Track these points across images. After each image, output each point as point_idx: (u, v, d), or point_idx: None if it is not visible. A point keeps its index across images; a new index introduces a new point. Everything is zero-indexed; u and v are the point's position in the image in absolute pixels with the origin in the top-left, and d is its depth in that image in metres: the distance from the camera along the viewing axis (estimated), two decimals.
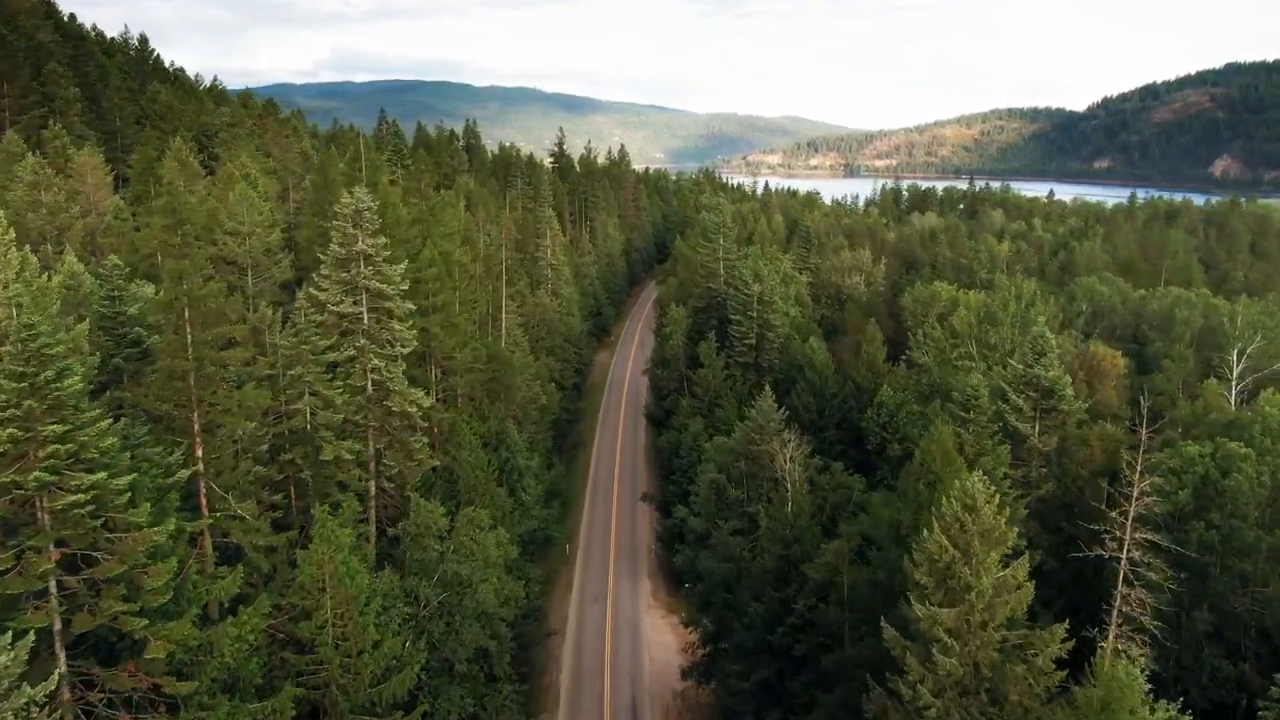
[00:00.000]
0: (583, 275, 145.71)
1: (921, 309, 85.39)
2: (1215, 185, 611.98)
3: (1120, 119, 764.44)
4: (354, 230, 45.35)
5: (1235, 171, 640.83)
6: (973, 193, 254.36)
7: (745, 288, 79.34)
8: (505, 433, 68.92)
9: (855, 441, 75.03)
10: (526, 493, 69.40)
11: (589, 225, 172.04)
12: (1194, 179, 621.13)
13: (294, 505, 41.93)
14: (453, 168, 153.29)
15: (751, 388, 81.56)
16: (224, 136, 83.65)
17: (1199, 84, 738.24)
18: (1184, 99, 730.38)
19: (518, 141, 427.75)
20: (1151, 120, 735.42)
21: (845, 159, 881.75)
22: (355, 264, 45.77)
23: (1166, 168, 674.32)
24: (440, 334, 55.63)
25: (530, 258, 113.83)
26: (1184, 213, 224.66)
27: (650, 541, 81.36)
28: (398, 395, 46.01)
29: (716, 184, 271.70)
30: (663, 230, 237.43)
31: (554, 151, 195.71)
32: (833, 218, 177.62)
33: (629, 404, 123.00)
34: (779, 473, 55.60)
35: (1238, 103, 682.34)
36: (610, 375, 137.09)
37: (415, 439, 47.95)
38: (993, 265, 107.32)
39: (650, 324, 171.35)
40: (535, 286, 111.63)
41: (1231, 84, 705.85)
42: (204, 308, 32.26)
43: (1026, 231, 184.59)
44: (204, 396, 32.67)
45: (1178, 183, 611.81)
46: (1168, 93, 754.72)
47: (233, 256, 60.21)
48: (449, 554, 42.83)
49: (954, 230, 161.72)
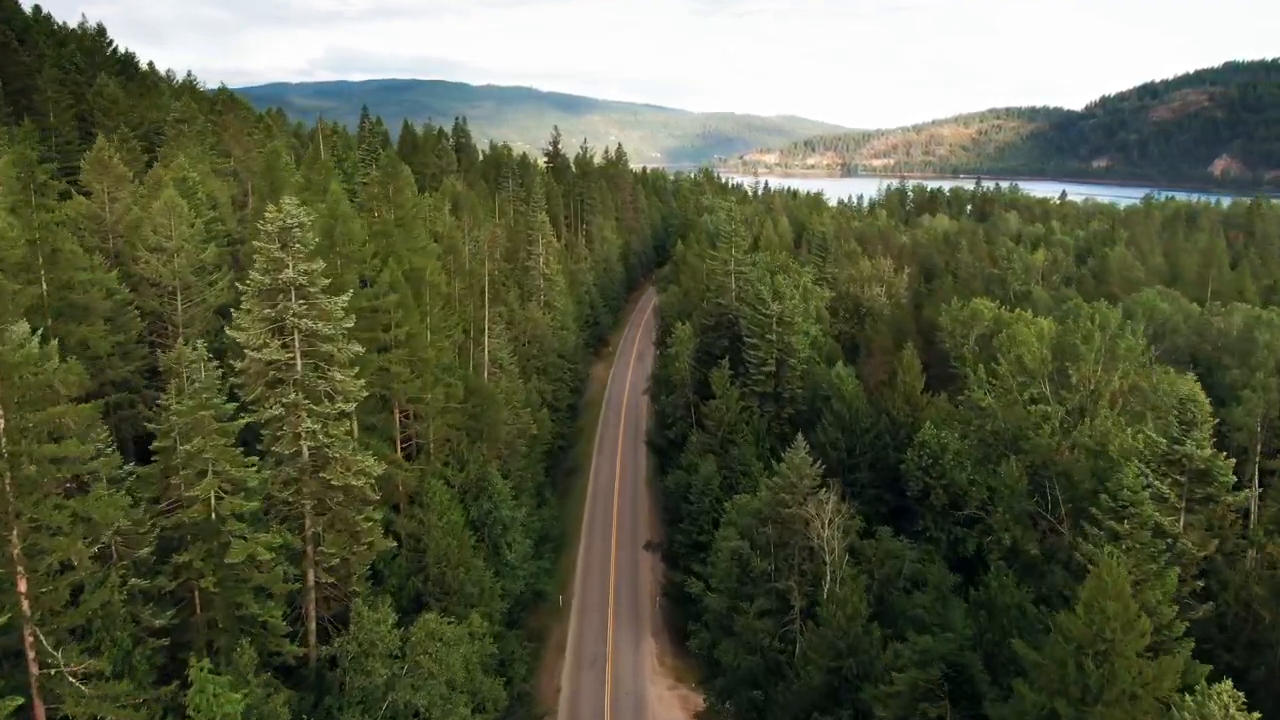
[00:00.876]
0: (578, 282, 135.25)
1: (961, 329, 75.05)
2: (1215, 185, 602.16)
3: (1119, 118, 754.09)
4: (281, 253, 34.81)
5: (1235, 171, 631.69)
6: (981, 193, 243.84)
7: (763, 307, 68.88)
8: (488, 479, 58.43)
9: (890, 483, 64.67)
10: (512, 549, 58.99)
11: (585, 228, 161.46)
12: (1193, 178, 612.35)
13: (199, 622, 31.48)
14: (440, 168, 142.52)
15: (770, 421, 71.17)
16: (170, 134, 72.96)
17: (1197, 83, 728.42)
18: (1183, 98, 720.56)
19: (514, 141, 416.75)
20: (1150, 119, 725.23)
21: (842, 159, 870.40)
22: (283, 297, 35.25)
23: (1166, 167, 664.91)
24: (404, 373, 45.20)
25: (521, 267, 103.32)
26: (1202, 214, 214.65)
27: (654, 593, 70.90)
28: (338, 464, 35.49)
29: (717, 184, 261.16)
30: (662, 232, 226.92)
31: (548, 151, 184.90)
32: (840, 220, 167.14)
33: (628, 425, 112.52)
34: (815, 541, 45.41)
35: (1236, 102, 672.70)
36: (608, 391, 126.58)
37: (364, 517, 37.46)
38: (1027, 276, 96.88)
39: (650, 333, 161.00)
40: (527, 299, 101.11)
41: (1230, 83, 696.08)
42: (22, 380, 21.71)
43: (1046, 235, 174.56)
44: (24, 510, 22.15)
45: (1177, 182, 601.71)
46: (1166, 92, 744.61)
47: (156, 277, 49.64)
48: (401, 678, 32.40)
49: (972, 234, 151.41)
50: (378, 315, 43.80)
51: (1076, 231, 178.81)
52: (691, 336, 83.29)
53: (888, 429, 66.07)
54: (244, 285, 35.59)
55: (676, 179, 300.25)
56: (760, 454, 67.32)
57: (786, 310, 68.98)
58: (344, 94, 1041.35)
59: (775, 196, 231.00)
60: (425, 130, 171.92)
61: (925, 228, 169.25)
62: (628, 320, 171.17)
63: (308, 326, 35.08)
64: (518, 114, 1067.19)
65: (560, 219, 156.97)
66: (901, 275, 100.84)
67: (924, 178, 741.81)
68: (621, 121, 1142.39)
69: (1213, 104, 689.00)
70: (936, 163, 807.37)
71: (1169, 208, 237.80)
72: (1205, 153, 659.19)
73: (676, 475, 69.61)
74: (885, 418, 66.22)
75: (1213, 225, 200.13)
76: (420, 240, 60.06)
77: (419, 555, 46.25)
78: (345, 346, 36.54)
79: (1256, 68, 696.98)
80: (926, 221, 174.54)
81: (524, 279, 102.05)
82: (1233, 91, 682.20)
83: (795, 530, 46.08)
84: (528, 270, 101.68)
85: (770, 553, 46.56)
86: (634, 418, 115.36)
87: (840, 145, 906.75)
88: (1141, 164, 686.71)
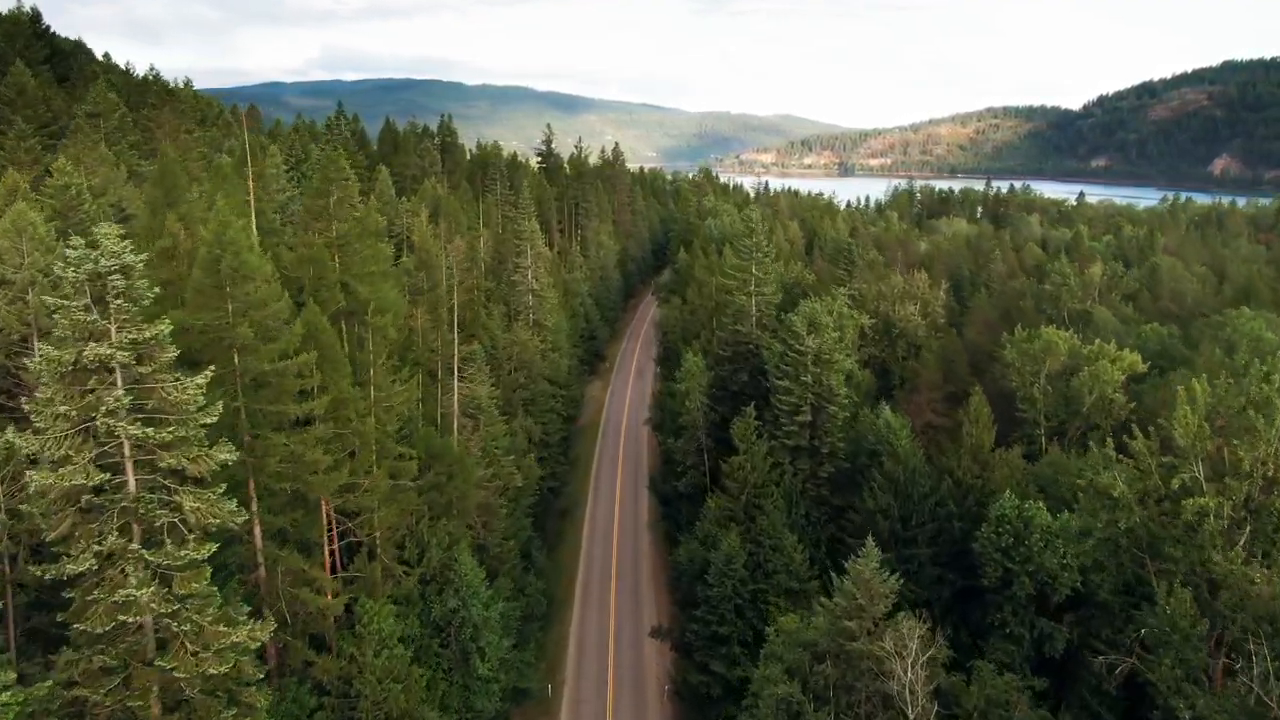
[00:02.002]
0: (572, 293, 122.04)
1: (1030, 366, 61.97)
2: (1215, 184, 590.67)
3: (1117, 117, 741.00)
4: (90, 316, 21.61)
5: (1235, 170, 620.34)
6: (994, 195, 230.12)
7: (796, 342, 55.63)
8: (454, 567, 45.25)
9: (955, 560, 51.72)
10: (485, 658, 45.81)
11: (580, 234, 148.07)
12: (1193, 178, 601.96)
13: None
14: (423, 169, 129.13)
15: (805, 482, 57.93)
16: (81, 129, 59.55)
17: (1196, 82, 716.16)
18: (1181, 97, 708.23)
19: (509, 141, 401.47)
20: (1149, 119, 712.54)
21: (840, 158, 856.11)
22: (97, 381, 22.05)
23: (1165, 166, 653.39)
24: (323, 460, 32.03)
25: (508, 282, 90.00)
26: (1229, 216, 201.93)
27: (663, 686, 57.93)
28: (184, 643, 22.29)
29: (717, 185, 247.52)
30: (661, 236, 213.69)
31: (541, 151, 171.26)
32: (852, 224, 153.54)
33: (628, 457, 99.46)
34: (895, 685, 32.54)
35: (1236, 101, 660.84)
36: (605, 414, 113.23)
37: (244, 701, 24.27)
38: (1084, 293, 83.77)
39: (650, 346, 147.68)
40: (514, 318, 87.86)
41: (1229, 82, 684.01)
42: None
43: (1074, 241, 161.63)
44: None
45: (1177, 181, 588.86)
46: (1165, 91, 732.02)
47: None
48: None
49: (999, 241, 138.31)
50: (284, 380, 30.57)
51: (1105, 237, 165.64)
52: (703, 370, 70.11)
53: (951, 494, 53.01)
54: (34, 361, 22.38)
55: (674, 179, 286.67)
56: (792, 522, 54.24)
57: (825, 345, 55.78)
58: (337, 94, 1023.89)
59: (780, 197, 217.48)
60: (408, 128, 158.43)
61: (945, 234, 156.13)
62: (626, 330, 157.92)
63: (139, 435, 21.85)
64: (514, 113, 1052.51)
65: (553, 224, 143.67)
66: (937, 291, 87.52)
67: (922, 177, 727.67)
68: (618, 121, 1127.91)
69: (1212, 103, 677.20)
70: (934, 162, 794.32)
71: (1192, 209, 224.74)
72: (1205, 152, 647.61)
73: (690, 547, 56.35)
74: (948, 480, 53.16)
75: (1236, 227, 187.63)
76: (371, 263, 46.73)
77: (348, 708, 33.22)
78: (205, 454, 23.29)
79: (1255, 66, 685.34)
80: (944, 226, 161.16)
81: (511, 295, 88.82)
82: (1232, 90, 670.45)
83: (864, 670, 33.30)
84: (515, 286, 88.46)
85: (830, 699, 33.67)
86: (634, 449, 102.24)
87: (837, 145, 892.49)
88: (1140, 163, 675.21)
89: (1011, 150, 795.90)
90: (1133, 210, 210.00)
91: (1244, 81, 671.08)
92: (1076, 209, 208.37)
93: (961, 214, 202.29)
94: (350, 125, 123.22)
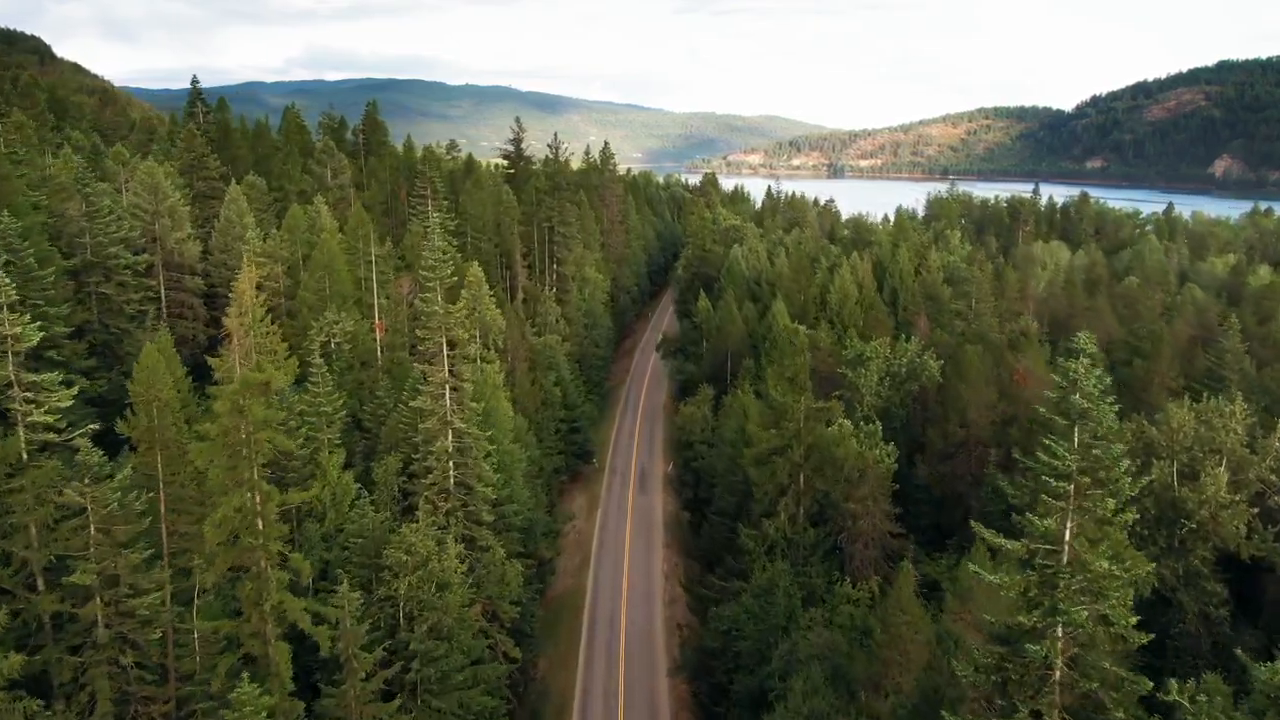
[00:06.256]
0: (543, 365, 78.45)
1: None
2: (1217, 186, 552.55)
3: (1112, 117, 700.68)
4: None
5: (1237, 171, 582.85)
6: (1045, 206, 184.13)
7: None
8: None
9: None
10: None
11: (555, 268, 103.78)
12: (1193, 179, 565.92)
13: None
14: (320, 181, 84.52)
15: None
16: None
17: (1191, 82, 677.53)
18: (1177, 97, 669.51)
19: (493, 140, 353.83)
20: (1144, 119, 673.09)
21: (828, 158, 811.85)
22: None
23: (1164, 167, 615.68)
24: None
25: (411, 411, 46.18)
26: None
27: None
28: None
29: (723, 192, 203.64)
30: (658, 255, 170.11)
31: (508, 153, 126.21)
32: (920, 254, 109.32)
33: (639, 658, 56.21)
34: None
35: (1235, 101, 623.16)
36: (592, 578, 68.99)
37: None
38: None
39: (654, 419, 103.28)
40: (429, 467, 44.29)
41: (1226, 82, 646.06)
42: None
43: (1197, 267, 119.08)
44: None
45: (1176, 182, 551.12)
46: (1160, 91, 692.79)
47: None
48: None
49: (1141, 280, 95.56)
50: None
51: (1225, 257, 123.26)
52: None
53: None
54: None
55: (669, 185, 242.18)
56: None
57: None
58: (317, 93, 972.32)
59: (804, 207, 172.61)
60: (324, 120, 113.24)
61: (1044, 263, 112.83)
62: (620, 395, 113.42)
63: None
64: (496, 113, 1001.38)
65: (516, 255, 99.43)
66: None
67: (912, 178, 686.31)
68: (602, 121, 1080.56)
69: (1209, 103, 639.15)
70: (925, 163, 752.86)
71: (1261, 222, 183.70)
72: (1204, 153, 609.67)
73: None
74: None
75: None
76: None
77: None
78: None
79: (1252, 66, 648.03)
80: (1040, 253, 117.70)
81: (423, 438, 45.01)
82: (1230, 90, 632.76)
83: None
84: (427, 418, 44.56)
85: None
86: (647, 647, 58.62)
87: (826, 145, 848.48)
88: (1138, 164, 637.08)
89: (1004, 151, 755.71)
90: (1228, 224, 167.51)
91: (1241, 81, 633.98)
92: (1161, 221, 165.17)
93: (1038, 230, 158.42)
94: (203, 111, 78.04)
